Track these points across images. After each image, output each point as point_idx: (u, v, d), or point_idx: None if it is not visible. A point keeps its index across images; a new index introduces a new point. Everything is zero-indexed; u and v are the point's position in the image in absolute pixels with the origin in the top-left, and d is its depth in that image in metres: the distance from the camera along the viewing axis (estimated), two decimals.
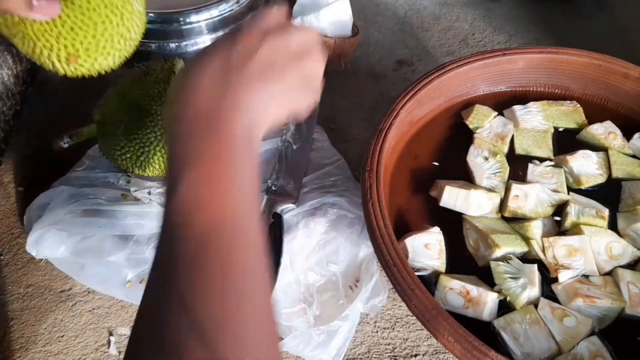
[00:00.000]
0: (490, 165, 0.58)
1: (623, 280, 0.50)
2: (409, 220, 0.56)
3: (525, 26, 0.87)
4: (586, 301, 0.48)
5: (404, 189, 0.59)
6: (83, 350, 0.53)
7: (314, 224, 0.56)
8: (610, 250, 0.53)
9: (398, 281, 0.46)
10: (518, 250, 0.52)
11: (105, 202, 0.58)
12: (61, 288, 0.57)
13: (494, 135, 0.62)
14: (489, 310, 0.49)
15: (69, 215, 0.57)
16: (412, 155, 0.61)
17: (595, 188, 0.58)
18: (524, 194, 0.55)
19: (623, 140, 0.61)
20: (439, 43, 0.85)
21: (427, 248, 0.52)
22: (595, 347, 0.46)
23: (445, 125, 0.64)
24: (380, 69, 0.80)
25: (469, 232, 0.54)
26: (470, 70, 0.64)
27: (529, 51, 0.65)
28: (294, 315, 0.52)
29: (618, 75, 0.63)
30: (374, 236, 0.49)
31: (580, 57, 0.64)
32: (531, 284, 0.49)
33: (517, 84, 0.67)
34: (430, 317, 0.44)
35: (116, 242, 0.56)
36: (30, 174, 0.65)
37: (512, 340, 0.47)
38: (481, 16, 0.89)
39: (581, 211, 0.54)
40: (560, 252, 0.52)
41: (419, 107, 0.62)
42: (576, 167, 0.58)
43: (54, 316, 0.55)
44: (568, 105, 0.65)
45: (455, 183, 0.56)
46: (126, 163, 0.58)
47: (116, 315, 0.55)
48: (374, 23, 0.87)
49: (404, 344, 0.54)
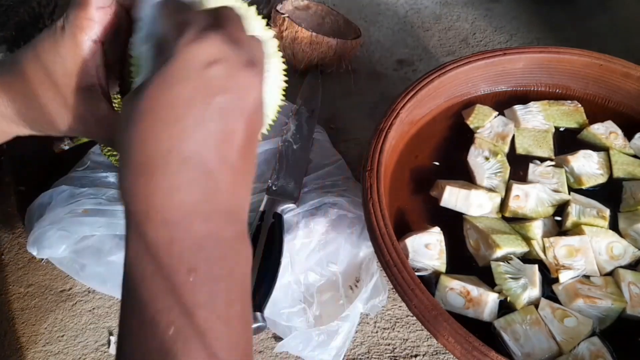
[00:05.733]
0: (491, 165, 0.58)
1: (624, 281, 0.50)
2: (409, 220, 0.56)
3: (526, 26, 0.87)
4: (587, 301, 0.48)
5: (404, 189, 0.58)
6: (83, 350, 0.53)
7: (314, 224, 0.56)
8: (611, 251, 0.52)
9: (398, 281, 0.46)
10: (519, 251, 0.52)
11: (106, 201, 0.58)
12: (61, 288, 0.57)
13: (495, 135, 0.62)
14: (490, 310, 0.48)
15: (70, 214, 0.57)
16: (412, 155, 0.61)
17: (596, 188, 0.58)
18: (524, 194, 0.55)
19: (624, 140, 0.61)
20: (440, 43, 0.85)
21: (428, 248, 0.52)
22: (596, 347, 0.46)
23: (446, 125, 0.64)
24: (380, 68, 0.80)
25: (470, 232, 0.54)
26: (471, 70, 0.64)
27: (530, 51, 0.65)
28: (294, 315, 0.52)
29: (619, 75, 0.63)
30: (374, 236, 0.49)
31: (581, 57, 0.64)
32: (532, 285, 0.49)
33: (517, 84, 0.67)
34: (431, 317, 0.44)
35: (116, 241, 0.56)
36: (31, 174, 0.65)
37: (513, 340, 0.47)
38: (482, 16, 0.89)
39: (582, 211, 0.54)
40: (561, 253, 0.51)
41: (420, 106, 0.62)
42: (577, 167, 0.58)
43: (54, 316, 0.55)
44: (569, 105, 0.64)
45: (455, 183, 0.56)
46: None
47: (116, 315, 0.55)
48: (374, 23, 0.87)
49: (404, 345, 0.54)
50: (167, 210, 0.27)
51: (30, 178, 0.64)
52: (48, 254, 0.56)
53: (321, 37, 0.71)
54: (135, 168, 0.27)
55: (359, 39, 0.76)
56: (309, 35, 0.70)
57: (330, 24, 0.82)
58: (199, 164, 0.27)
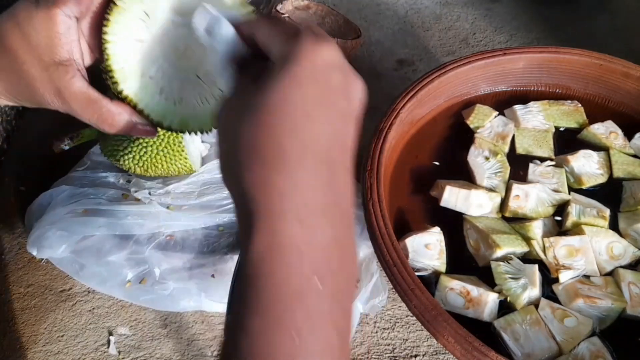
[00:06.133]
0: (491, 165, 0.58)
1: (624, 281, 0.50)
2: (409, 220, 0.56)
3: (526, 26, 0.87)
4: (587, 301, 0.48)
5: (404, 189, 0.58)
6: (83, 350, 0.53)
7: None
8: (611, 251, 0.52)
9: (398, 281, 0.46)
10: (519, 251, 0.52)
11: (106, 201, 0.58)
12: (61, 288, 0.57)
13: (495, 134, 0.62)
14: (490, 310, 0.48)
15: (70, 214, 0.57)
16: (412, 154, 0.61)
17: (596, 188, 0.58)
18: (524, 194, 0.55)
19: (624, 139, 0.61)
20: (440, 43, 0.85)
21: (428, 248, 0.52)
22: (596, 347, 0.46)
23: (446, 125, 0.64)
24: (381, 68, 0.80)
25: (470, 232, 0.54)
26: (471, 69, 0.63)
27: (530, 51, 0.65)
28: None
29: (619, 75, 0.63)
30: (374, 236, 0.49)
31: (581, 57, 0.64)
32: (532, 284, 0.49)
33: (517, 84, 0.67)
34: (431, 317, 0.44)
35: (116, 242, 0.56)
36: (32, 174, 0.65)
37: (513, 340, 0.47)
38: (482, 16, 0.89)
39: (582, 211, 0.54)
40: (561, 252, 0.51)
41: (420, 106, 0.62)
42: (577, 166, 0.58)
43: (54, 316, 0.55)
44: (569, 104, 0.64)
45: (455, 183, 0.56)
46: (128, 163, 0.58)
47: (116, 315, 0.55)
48: (374, 23, 0.87)
49: (403, 345, 0.54)
50: (301, 209, 0.27)
51: (30, 178, 0.64)
52: (48, 254, 0.56)
53: None
54: (267, 162, 0.26)
55: (359, 39, 0.76)
56: None
57: (330, 24, 0.82)
58: (329, 164, 0.27)
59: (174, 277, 0.54)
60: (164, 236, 0.58)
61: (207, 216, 0.59)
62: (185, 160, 0.58)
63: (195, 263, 0.56)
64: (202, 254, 0.57)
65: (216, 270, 0.55)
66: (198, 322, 0.55)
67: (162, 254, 0.56)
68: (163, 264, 0.55)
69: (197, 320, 0.55)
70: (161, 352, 0.53)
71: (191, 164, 0.59)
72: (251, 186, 0.27)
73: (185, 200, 0.60)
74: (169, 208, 0.59)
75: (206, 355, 0.53)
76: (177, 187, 0.60)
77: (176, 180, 0.61)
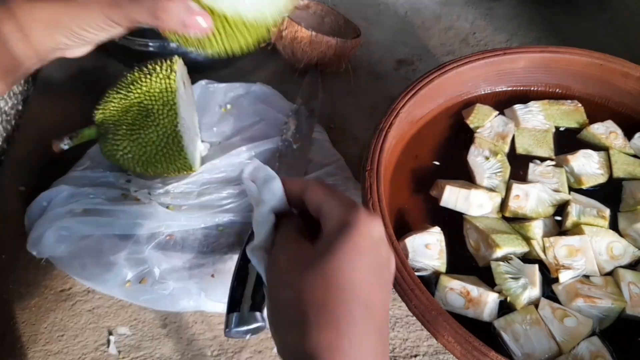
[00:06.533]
0: (491, 164, 0.58)
1: (624, 281, 0.50)
2: (409, 220, 0.56)
3: (526, 25, 0.87)
4: (587, 301, 0.48)
5: (404, 189, 0.58)
6: (83, 349, 0.53)
7: None
8: (611, 251, 0.52)
9: (398, 281, 0.46)
10: (519, 251, 0.52)
11: (106, 201, 0.58)
12: (61, 287, 0.57)
13: (495, 134, 0.62)
14: (490, 310, 0.48)
15: (69, 214, 0.57)
16: (412, 154, 0.61)
17: (596, 188, 0.58)
18: (524, 194, 0.55)
19: (624, 139, 0.61)
20: (440, 42, 0.85)
21: (428, 248, 0.52)
22: (596, 347, 0.46)
23: (446, 125, 0.64)
24: (380, 68, 0.80)
25: (470, 232, 0.54)
26: (471, 69, 0.63)
27: (530, 50, 0.65)
28: None
29: (619, 75, 0.63)
30: None
31: (581, 57, 0.64)
32: (532, 284, 0.49)
33: (518, 83, 0.67)
34: (431, 317, 0.44)
35: (116, 241, 0.56)
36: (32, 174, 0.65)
37: (513, 340, 0.47)
38: (482, 15, 0.89)
39: (582, 211, 0.54)
40: (561, 252, 0.51)
41: (420, 106, 0.62)
42: (577, 166, 0.58)
43: (54, 315, 0.55)
44: (569, 104, 0.64)
45: (455, 183, 0.56)
46: (128, 163, 0.58)
47: (116, 315, 0.55)
48: (374, 22, 0.87)
49: (403, 345, 0.54)
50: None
51: (30, 178, 0.64)
52: (48, 254, 0.56)
53: (321, 37, 0.71)
54: (340, 327, 0.28)
55: (359, 38, 0.76)
56: (308, 34, 0.70)
57: (330, 24, 0.82)
58: (382, 332, 0.30)
59: (174, 277, 0.54)
60: (164, 236, 0.58)
61: (207, 216, 0.59)
62: (184, 160, 0.58)
63: (195, 263, 0.56)
64: (201, 254, 0.57)
65: (216, 270, 0.55)
66: (198, 322, 0.55)
67: (161, 253, 0.56)
68: (163, 263, 0.55)
69: (197, 320, 0.55)
70: (161, 351, 0.53)
71: (191, 164, 0.59)
72: (316, 346, 0.28)
73: (185, 200, 0.60)
74: (169, 208, 0.59)
75: (206, 355, 0.53)
76: (177, 186, 0.60)
77: (176, 180, 0.61)
